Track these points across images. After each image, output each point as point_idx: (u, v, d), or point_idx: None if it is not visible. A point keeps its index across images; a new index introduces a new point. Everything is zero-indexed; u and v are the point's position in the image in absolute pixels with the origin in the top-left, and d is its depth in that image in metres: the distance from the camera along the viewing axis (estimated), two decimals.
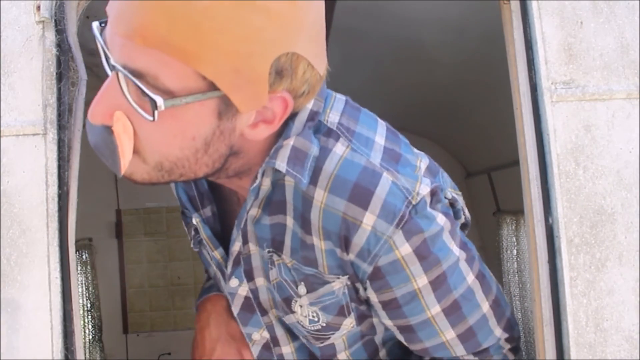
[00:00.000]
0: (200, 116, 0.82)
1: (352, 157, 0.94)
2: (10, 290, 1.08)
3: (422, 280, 0.97)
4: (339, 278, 1.00)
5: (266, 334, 1.18)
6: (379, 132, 1.01)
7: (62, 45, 1.13)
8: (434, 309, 1.02)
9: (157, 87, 0.79)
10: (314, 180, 0.94)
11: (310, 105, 0.94)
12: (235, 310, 1.17)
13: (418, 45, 2.12)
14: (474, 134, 3.10)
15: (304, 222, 0.97)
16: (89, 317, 3.40)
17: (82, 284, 3.35)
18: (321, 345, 1.12)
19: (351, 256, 0.96)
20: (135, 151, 0.86)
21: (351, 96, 1.16)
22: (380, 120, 1.06)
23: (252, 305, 1.15)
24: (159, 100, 0.78)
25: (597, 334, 1.10)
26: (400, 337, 1.11)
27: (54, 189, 1.10)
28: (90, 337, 3.40)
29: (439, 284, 0.99)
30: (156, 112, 0.79)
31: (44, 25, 1.13)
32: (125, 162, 0.87)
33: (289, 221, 1.00)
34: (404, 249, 0.94)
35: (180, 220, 1.27)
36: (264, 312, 1.15)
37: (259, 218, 1.01)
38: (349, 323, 1.09)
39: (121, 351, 3.66)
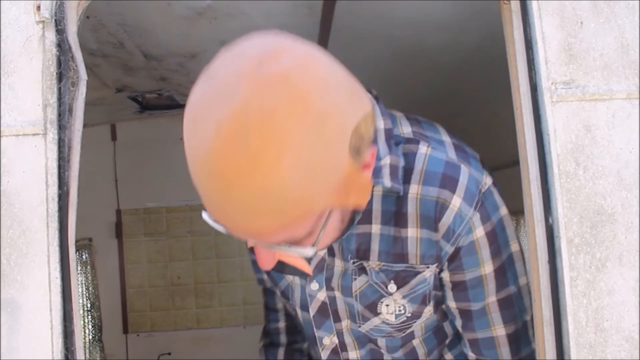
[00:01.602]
0: (336, 222, 0.96)
1: (434, 154, 1.11)
2: (10, 290, 1.08)
3: (488, 267, 1.14)
4: (428, 267, 1.14)
5: (335, 340, 1.29)
6: (444, 134, 1.20)
7: (62, 45, 1.13)
8: (492, 298, 1.16)
9: (301, 243, 0.92)
10: (406, 179, 1.09)
11: (381, 125, 1.08)
12: (312, 312, 1.28)
13: (418, 46, 2.12)
14: (474, 134, 3.10)
15: (398, 219, 1.11)
16: (89, 317, 3.40)
17: (82, 284, 3.35)
18: (403, 335, 1.24)
19: (439, 236, 1.10)
20: None
21: None
22: (438, 125, 1.24)
23: (327, 310, 1.26)
24: (309, 251, 0.92)
25: (597, 334, 1.10)
26: (459, 323, 1.22)
27: (54, 189, 1.10)
28: (90, 337, 3.40)
29: (500, 275, 1.15)
30: (312, 251, 0.93)
31: (44, 25, 1.13)
32: (304, 265, 1.02)
33: (375, 228, 1.13)
34: (479, 231, 1.11)
35: (180, 220, 1.34)
36: (337, 319, 1.26)
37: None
38: (429, 311, 1.21)
39: (121, 351, 3.65)
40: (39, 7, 1.13)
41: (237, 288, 3.66)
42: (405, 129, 1.14)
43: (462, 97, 2.68)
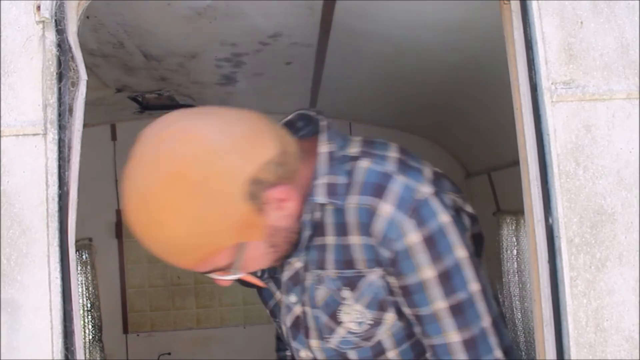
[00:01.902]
0: (258, 250, 1.17)
1: (373, 167, 1.20)
2: (10, 290, 1.08)
3: (429, 272, 1.17)
4: (373, 270, 1.20)
5: (310, 354, 1.36)
6: (392, 151, 1.26)
7: (62, 45, 1.13)
8: (438, 304, 1.18)
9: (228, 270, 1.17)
10: (348, 192, 1.20)
11: (324, 150, 1.23)
12: (288, 323, 1.36)
13: (418, 46, 2.12)
14: (474, 134, 3.10)
15: (343, 228, 1.21)
16: (89, 317, 3.40)
17: (82, 284, 3.35)
18: (371, 344, 1.28)
19: (375, 241, 1.17)
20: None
21: (352, 97, 1.21)
22: (393, 144, 1.31)
23: (300, 324, 1.34)
24: (233, 276, 1.19)
25: (597, 334, 1.10)
26: (417, 329, 1.25)
27: (54, 189, 1.10)
28: (90, 337, 3.40)
29: (444, 280, 1.18)
30: (236, 276, 1.20)
31: (44, 25, 1.13)
32: (256, 281, 1.30)
33: (329, 240, 1.23)
34: (414, 237, 1.15)
35: None
36: (307, 335, 1.33)
37: (308, 244, 1.25)
38: (391, 317, 1.25)
39: (121, 351, 3.66)
40: (39, 7, 1.13)
41: (237, 288, 3.64)
42: (354, 149, 1.26)
43: (462, 97, 2.68)
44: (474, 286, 1.20)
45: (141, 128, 1.21)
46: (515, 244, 2.95)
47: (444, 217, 1.18)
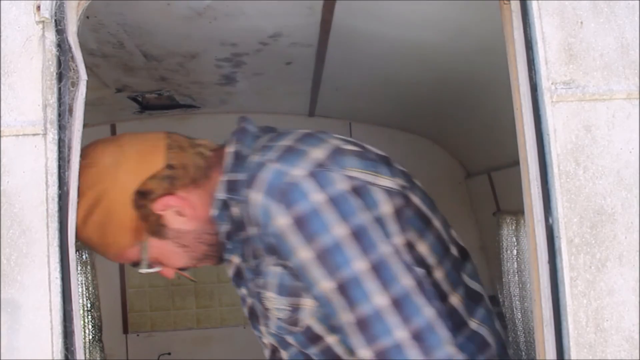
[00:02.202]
0: (164, 247, 1.37)
1: (257, 159, 1.25)
2: (10, 290, 1.08)
3: (304, 253, 1.16)
4: (270, 257, 1.24)
5: (268, 340, 1.42)
6: (287, 139, 1.29)
7: (62, 45, 1.13)
8: (323, 284, 1.17)
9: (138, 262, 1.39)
10: (246, 186, 1.25)
11: (231, 149, 1.35)
12: (246, 313, 1.45)
13: (418, 46, 2.12)
14: (474, 134, 3.10)
15: (246, 222, 1.28)
16: (89, 317, 3.40)
17: (82, 284, 3.35)
18: (300, 329, 1.28)
19: (257, 230, 1.22)
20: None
21: (352, 97, 1.21)
22: (299, 131, 1.34)
23: (253, 314, 1.41)
24: (142, 270, 1.40)
25: (597, 334, 1.10)
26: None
27: (54, 189, 1.10)
28: (90, 337, 3.40)
29: (323, 260, 1.16)
30: (144, 270, 1.41)
31: (44, 25, 1.13)
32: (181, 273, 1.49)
33: (249, 232, 1.28)
34: (284, 220, 1.16)
35: None
36: (258, 322, 1.40)
37: (234, 237, 1.34)
38: (309, 302, 1.24)
39: (121, 351, 3.65)
40: (39, 7, 1.13)
41: None
42: (259, 144, 1.32)
43: (462, 96, 2.68)
44: (359, 264, 1.14)
45: (141, 128, 1.22)
46: (515, 244, 2.94)
47: (318, 197, 1.15)
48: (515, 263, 2.96)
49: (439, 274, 1.27)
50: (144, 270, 1.38)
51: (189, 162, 1.33)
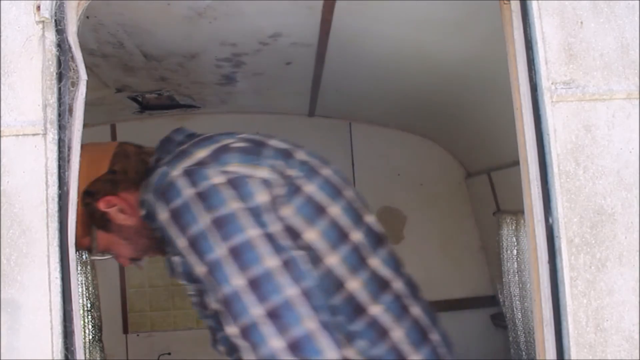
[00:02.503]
0: (106, 240, 1.57)
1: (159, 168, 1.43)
2: (10, 290, 1.08)
3: (180, 242, 1.31)
4: (169, 248, 1.41)
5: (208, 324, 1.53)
6: (188, 144, 1.45)
7: (62, 45, 1.13)
8: (198, 269, 1.30)
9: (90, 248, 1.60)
10: None
11: (154, 157, 1.53)
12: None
13: (418, 46, 2.12)
14: (474, 134, 3.10)
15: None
16: (89, 317, 3.40)
17: (82, 284, 3.35)
18: (211, 313, 1.39)
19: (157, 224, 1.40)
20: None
21: (352, 97, 1.21)
22: (207, 135, 1.48)
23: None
24: (93, 256, 1.63)
25: (597, 334, 1.10)
26: None
27: (54, 189, 1.10)
28: (90, 337, 3.39)
29: (193, 247, 1.29)
30: (94, 256, 1.63)
31: (44, 25, 1.13)
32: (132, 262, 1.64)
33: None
34: (164, 215, 1.33)
35: None
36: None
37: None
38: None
39: (121, 351, 3.65)
40: (39, 7, 1.13)
41: None
42: (177, 151, 1.47)
43: (462, 96, 2.68)
44: (221, 249, 1.26)
45: (141, 128, 1.22)
46: (515, 244, 2.94)
47: (189, 192, 1.30)
48: (515, 263, 2.96)
49: (332, 260, 1.33)
50: (95, 257, 1.63)
51: (131, 168, 1.52)
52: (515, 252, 2.97)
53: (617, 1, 1.18)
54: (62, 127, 1.11)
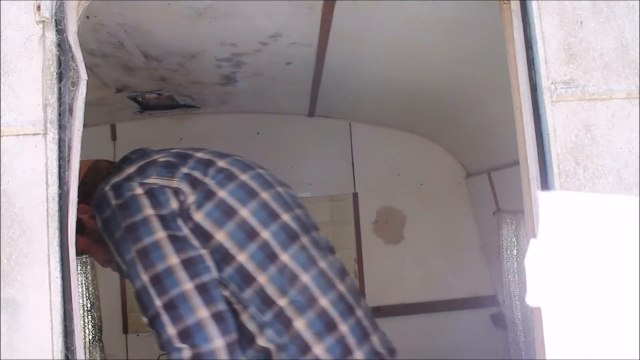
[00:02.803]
0: (84, 244, 1.74)
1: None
2: (10, 289, 1.08)
3: (111, 245, 1.54)
4: None
5: None
6: (130, 164, 1.64)
7: (62, 45, 1.13)
8: (124, 268, 1.50)
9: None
10: None
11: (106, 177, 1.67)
12: None
13: (418, 46, 2.12)
14: (474, 134, 3.10)
15: None
16: (89, 317, 3.40)
17: (82, 284, 3.35)
18: None
19: None
20: None
21: (352, 97, 1.20)
22: (155, 153, 1.68)
23: None
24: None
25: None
26: None
27: (54, 189, 1.10)
28: (90, 337, 3.39)
29: (117, 250, 1.52)
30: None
31: (44, 25, 1.13)
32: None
33: None
34: (99, 223, 1.56)
35: None
36: None
37: None
38: None
39: (121, 351, 3.65)
40: (39, 7, 1.13)
41: None
42: (128, 170, 1.62)
43: (462, 96, 2.68)
44: (133, 251, 1.46)
45: (141, 128, 1.22)
46: (515, 244, 2.94)
47: (115, 203, 1.52)
48: (515, 263, 2.96)
49: (242, 257, 1.48)
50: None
51: (98, 181, 1.66)
52: (515, 252, 2.97)
53: (617, 1, 1.18)
54: (62, 126, 1.11)
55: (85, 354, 2.40)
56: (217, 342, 1.37)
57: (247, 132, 3.53)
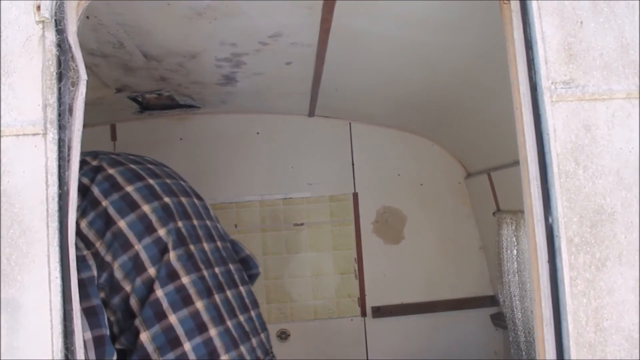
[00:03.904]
0: None
1: None
2: (10, 289, 1.08)
3: None
4: None
5: None
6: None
7: (62, 45, 1.13)
8: None
9: None
10: None
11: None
12: None
13: (418, 46, 2.12)
14: (474, 134, 3.10)
15: None
16: None
17: None
18: None
19: None
20: None
21: (352, 97, 1.20)
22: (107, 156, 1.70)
23: None
24: None
25: (597, 333, 1.10)
26: None
27: (54, 189, 1.10)
28: None
29: None
30: None
31: (44, 25, 1.13)
32: None
33: None
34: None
35: None
36: None
37: None
38: None
39: None
40: (39, 7, 1.13)
41: None
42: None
43: (462, 96, 2.68)
44: None
45: (141, 128, 1.22)
46: (515, 244, 2.95)
47: None
48: (515, 263, 2.96)
49: (115, 266, 1.50)
50: None
51: None
52: (515, 252, 2.97)
53: (617, 1, 1.18)
54: (62, 126, 1.11)
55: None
56: (86, 334, 1.34)
57: (247, 132, 3.53)
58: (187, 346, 1.47)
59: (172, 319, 1.47)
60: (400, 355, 3.48)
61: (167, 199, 1.65)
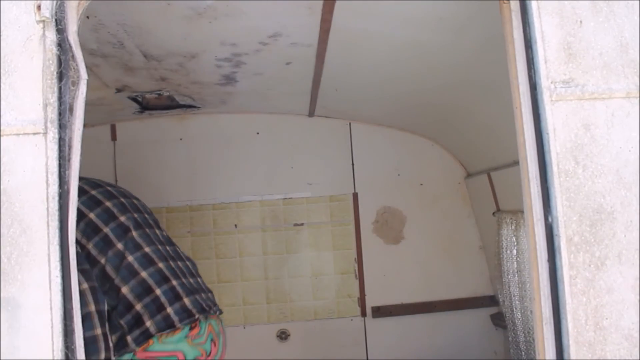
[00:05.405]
0: None
1: None
2: (10, 289, 1.08)
3: None
4: None
5: None
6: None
7: (62, 45, 1.13)
8: None
9: None
10: None
11: None
12: None
13: (418, 46, 2.12)
14: (474, 134, 3.10)
15: None
16: None
17: None
18: None
19: None
20: None
21: (352, 97, 1.20)
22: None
23: None
24: None
25: (597, 332, 1.10)
26: None
27: (54, 188, 1.10)
28: None
29: None
30: None
31: (44, 24, 1.14)
32: None
33: None
34: None
35: (180, 220, 1.65)
36: None
37: None
38: None
39: None
40: (39, 7, 1.13)
41: (237, 288, 3.66)
42: None
43: (462, 96, 2.68)
44: None
45: (141, 128, 1.22)
46: (515, 243, 2.95)
47: None
48: (515, 263, 2.96)
49: (90, 245, 1.86)
50: None
51: None
52: (514, 251, 2.97)
53: (617, 0, 1.18)
54: (63, 126, 1.11)
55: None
56: (82, 285, 1.66)
57: (247, 132, 3.53)
58: (158, 291, 1.90)
59: (144, 274, 1.90)
60: (400, 355, 3.48)
61: (123, 199, 2.07)
